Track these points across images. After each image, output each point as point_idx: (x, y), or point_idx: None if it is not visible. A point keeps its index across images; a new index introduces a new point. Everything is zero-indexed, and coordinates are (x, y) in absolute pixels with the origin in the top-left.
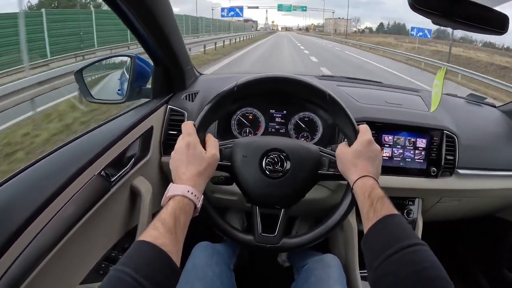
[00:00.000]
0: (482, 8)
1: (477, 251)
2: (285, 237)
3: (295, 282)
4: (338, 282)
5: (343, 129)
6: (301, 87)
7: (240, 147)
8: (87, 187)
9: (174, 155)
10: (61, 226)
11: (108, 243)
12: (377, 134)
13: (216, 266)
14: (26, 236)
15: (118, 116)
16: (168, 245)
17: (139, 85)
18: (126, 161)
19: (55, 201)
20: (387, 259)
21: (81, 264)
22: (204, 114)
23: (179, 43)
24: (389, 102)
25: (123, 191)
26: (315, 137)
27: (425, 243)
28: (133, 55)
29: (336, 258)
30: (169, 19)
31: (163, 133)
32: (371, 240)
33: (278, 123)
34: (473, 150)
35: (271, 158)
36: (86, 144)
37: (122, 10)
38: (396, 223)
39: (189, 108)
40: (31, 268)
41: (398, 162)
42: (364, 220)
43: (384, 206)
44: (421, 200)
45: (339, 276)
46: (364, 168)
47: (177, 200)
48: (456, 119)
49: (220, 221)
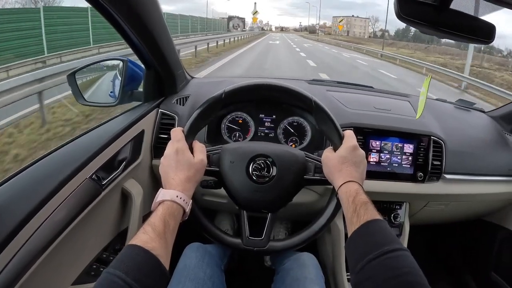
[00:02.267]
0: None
1: (465, 254)
2: (272, 241)
3: (273, 283)
4: (314, 282)
5: (328, 134)
6: (287, 94)
7: (228, 153)
8: (78, 191)
9: (163, 160)
10: (53, 229)
11: (99, 244)
12: (364, 139)
13: (208, 267)
14: (19, 239)
15: (109, 119)
16: (158, 249)
17: (131, 89)
18: (117, 164)
19: (47, 205)
20: (368, 263)
21: (73, 266)
22: (193, 120)
23: (170, 47)
24: (378, 108)
25: (114, 194)
26: (304, 141)
27: (406, 249)
28: (125, 59)
29: (312, 256)
30: (159, 24)
31: (154, 137)
32: (353, 244)
33: (268, 128)
34: (460, 156)
35: (257, 163)
36: (78, 148)
37: (111, 15)
38: (379, 228)
39: (180, 112)
40: (24, 270)
41: (385, 167)
42: (348, 225)
43: (367, 211)
44: (408, 204)
45: (316, 275)
46: (349, 173)
47: (166, 205)
48: (444, 124)
49: (209, 225)
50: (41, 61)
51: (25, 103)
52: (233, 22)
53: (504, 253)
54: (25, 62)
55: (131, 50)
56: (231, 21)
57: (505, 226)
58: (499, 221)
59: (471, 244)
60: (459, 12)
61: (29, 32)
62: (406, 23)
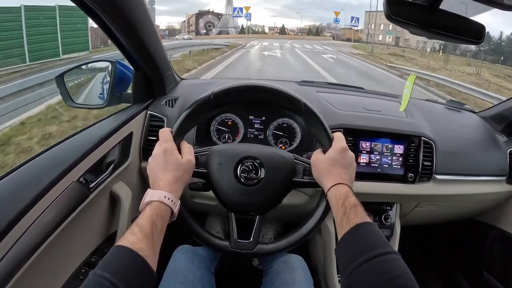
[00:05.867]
0: (459, 18)
1: (458, 254)
2: (260, 243)
3: (262, 286)
4: (304, 285)
5: (317, 136)
6: (275, 95)
7: (216, 154)
8: (65, 194)
9: (151, 161)
10: (40, 232)
11: (87, 248)
12: (354, 140)
13: (197, 269)
14: (5, 243)
15: (97, 121)
16: (145, 250)
17: (120, 90)
18: (106, 167)
19: (34, 208)
20: (359, 267)
21: (61, 270)
22: (181, 121)
23: (158, 48)
24: (368, 109)
25: (103, 196)
26: (294, 143)
27: (396, 252)
28: (114, 60)
29: (301, 259)
30: (146, 24)
31: (142, 139)
32: (343, 248)
33: (257, 129)
34: (451, 156)
35: (245, 165)
36: (65, 150)
37: (98, 16)
38: (369, 231)
39: (169, 114)
40: (11, 275)
41: (375, 168)
42: (338, 228)
43: (357, 214)
44: (399, 205)
45: (305, 278)
46: (338, 175)
47: (154, 205)
48: (435, 125)
49: (197, 227)
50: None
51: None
52: (205, 20)
53: (496, 252)
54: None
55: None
56: (202, 18)
57: (496, 225)
58: (491, 221)
59: (463, 244)
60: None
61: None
62: (395, 23)
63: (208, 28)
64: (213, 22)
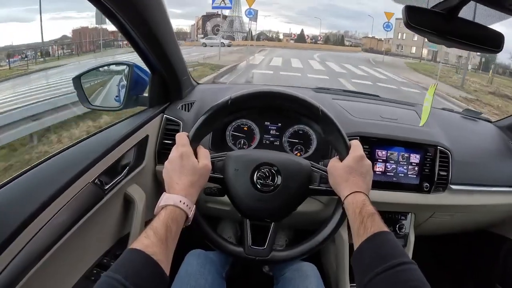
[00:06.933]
0: (477, 26)
1: (471, 265)
2: (274, 250)
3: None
4: None
5: (334, 144)
6: (293, 102)
7: (232, 160)
8: (80, 195)
9: (167, 164)
10: (54, 232)
11: (100, 249)
12: (370, 148)
13: (209, 274)
14: (19, 241)
15: (114, 124)
16: (159, 254)
17: (136, 93)
18: (121, 169)
19: (48, 208)
20: (376, 276)
21: (73, 270)
22: (198, 126)
23: (176, 52)
24: (384, 117)
25: (117, 199)
26: (309, 150)
27: (413, 262)
28: (131, 64)
29: (314, 266)
30: (166, 28)
31: (158, 142)
32: (360, 257)
33: (273, 136)
34: (467, 166)
35: (262, 172)
36: (81, 151)
37: (117, 19)
38: (386, 241)
39: (185, 118)
40: (23, 273)
41: (391, 177)
42: (355, 236)
43: (374, 223)
44: (413, 215)
45: (318, 286)
46: (356, 183)
47: (169, 210)
48: (451, 134)
49: (211, 232)
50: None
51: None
52: (213, 23)
53: (509, 265)
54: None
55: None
56: (209, 21)
57: (510, 237)
58: (504, 233)
59: (476, 255)
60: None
61: None
62: (414, 31)
63: (216, 31)
64: (222, 25)
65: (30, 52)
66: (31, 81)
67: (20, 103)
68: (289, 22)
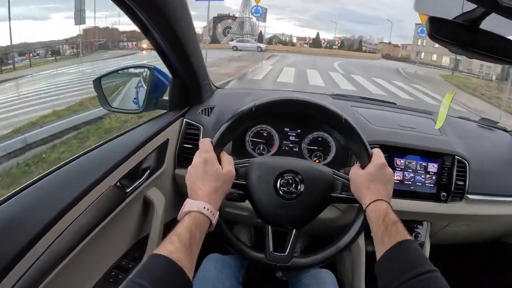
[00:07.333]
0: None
1: (486, 275)
2: (295, 257)
3: None
4: None
5: (356, 152)
6: (317, 110)
7: (256, 167)
8: (103, 198)
9: (191, 170)
10: (75, 235)
11: (118, 252)
12: (389, 157)
13: (227, 279)
14: (42, 244)
15: (135, 127)
16: (183, 260)
17: (156, 97)
18: (141, 172)
19: (71, 211)
20: (403, 284)
21: (92, 272)
22: (222, 132)
23: (198, 56)
24: (402, 125)
25: (137, 201)
26: (328, 157)
27: (437, 270)
28: (152, 67)
29: (331, 274)
30: (190, 31)
31: (178, 146)
32: (386, 265)
33: (292, 142)
34: (484, 176)
35: (285, 179)
36: (104, 154)
37: (142, 21)
38: (411, 249)
39: (205, 123)
40: (45, 275)
41: (408, 185)
42: (378, 244)
43: (398, 231)
44: (429, 223)
45: None
46: (378, 191)
47: (193, 216)
48: (467, 143)
49: (233, 238)
50: None
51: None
52: (224, 25)
53: None
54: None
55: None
56: (220, 22)
57: None
58: None
59: (492, 265)
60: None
61: None
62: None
63: (227, 34)
64: (232, 27)
65: (41, 50)
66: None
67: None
68: (302, 26)
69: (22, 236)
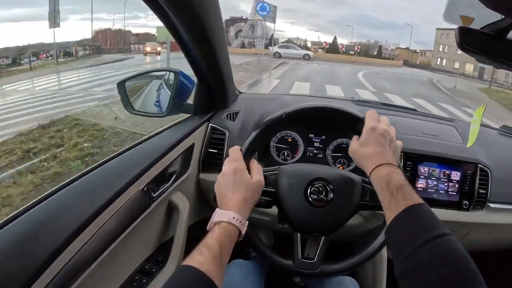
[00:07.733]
0: None
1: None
2: (324, 264)
3: None
4: None
5: None
6: (347, 117)
7: (285, 174)
8: (131, 202)
9: (221, 179)
10: (104, 239)
11: (142, 256)
12: (413, 165)
13: (251, 285)
14: (72, 248)
15: (161, 131)
16: (213, 272)
17: (180, 101)
18: (167, 177)
19: (101, 215)
20: (416, 250)
21: (117, 276)
22: (252, 140)
23: (226, 60)
24: (426, 133)
25: (162, 206)
26: (352, 164)
27: (452, 233)
28: (177, 71)
29: (355, 282)
30: (220, 34)
31: (203, 151)
32: (396, 231)
33: (317, 148)
34: (505, 184)
35: (316, 187)
36: (132, 159)
37: (173, 24)
38: (422, 213)
39: (230, 128)
40: (73, 279)
41: (431, 193)
42: (386, 211)
43: (406, 195)
44: None
45: None
46: (375, 157)
47: (222, 226)
48: (489, 151)
49: (262, 246)
50: None
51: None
52: (237, 28)
53: None
54: None
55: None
56: (233, 25)
57: None
58: None
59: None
60: None
61: None
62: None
63: (238, 36)
64: (244, 29)
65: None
66: None
67: None
68: (317, 31)
69: (52, 240)
